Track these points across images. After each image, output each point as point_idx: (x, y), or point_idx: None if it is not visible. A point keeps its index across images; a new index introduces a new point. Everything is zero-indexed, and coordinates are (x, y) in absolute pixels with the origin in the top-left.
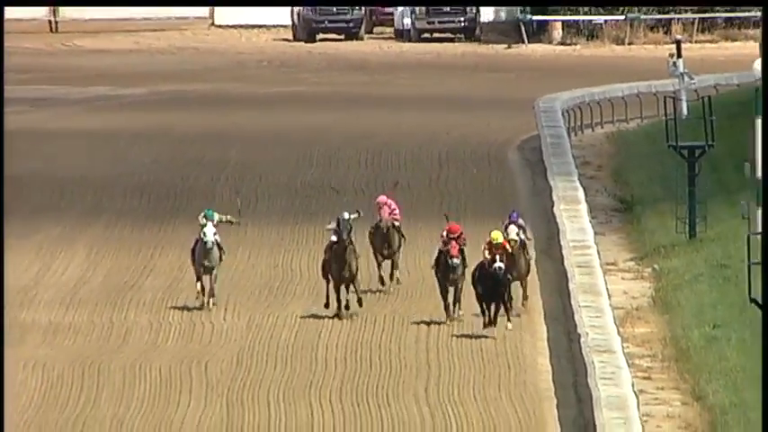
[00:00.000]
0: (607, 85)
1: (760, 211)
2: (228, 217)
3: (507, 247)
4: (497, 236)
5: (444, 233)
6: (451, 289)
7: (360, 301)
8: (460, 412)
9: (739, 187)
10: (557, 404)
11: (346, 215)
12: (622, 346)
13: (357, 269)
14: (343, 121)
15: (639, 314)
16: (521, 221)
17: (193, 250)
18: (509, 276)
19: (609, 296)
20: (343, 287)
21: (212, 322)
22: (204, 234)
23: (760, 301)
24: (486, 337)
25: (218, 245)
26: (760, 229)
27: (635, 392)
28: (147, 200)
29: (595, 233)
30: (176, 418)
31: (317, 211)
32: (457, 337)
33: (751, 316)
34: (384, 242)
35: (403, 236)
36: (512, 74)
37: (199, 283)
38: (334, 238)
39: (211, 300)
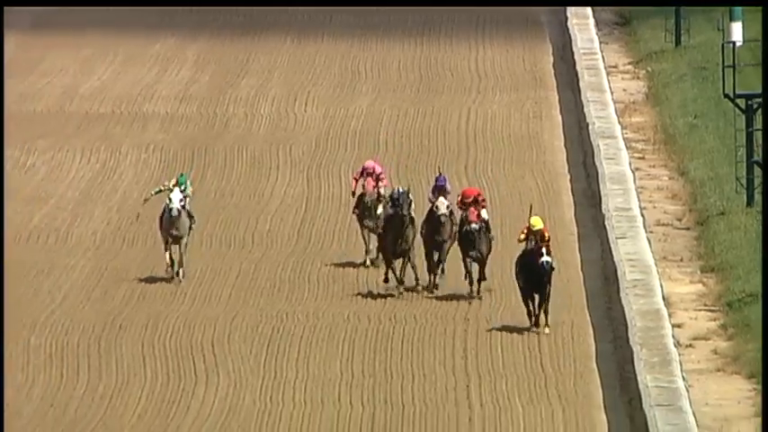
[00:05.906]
0: None
1: (732, 24)
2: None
3: (546, 233)
4: (537, 222)
5: (459, 197)
6: (470, 261)
7: (415, 272)
8: (492, 184)
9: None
10: (570, 179)
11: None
12: (622, 133)
13: (413, 241)
14: None
15: (635, 107)
16: (448, 186)
17: (161, 218)
18: (553, 267)
19: (611, 92)
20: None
21: (295, 113)
22: (170, 200)
23: (732, 96)
24: (511, 125)
25: (187, 213)
26: (733, 38)
27: (632, 169)
28: (243, 15)
29: (600, 42)
30: (266, 191)
31: (380, 25)
32: (491, 127)
33: (724, 108)
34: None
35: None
36: None
37: (167, 254)
38: (390, 212)
39: (181, 270)
